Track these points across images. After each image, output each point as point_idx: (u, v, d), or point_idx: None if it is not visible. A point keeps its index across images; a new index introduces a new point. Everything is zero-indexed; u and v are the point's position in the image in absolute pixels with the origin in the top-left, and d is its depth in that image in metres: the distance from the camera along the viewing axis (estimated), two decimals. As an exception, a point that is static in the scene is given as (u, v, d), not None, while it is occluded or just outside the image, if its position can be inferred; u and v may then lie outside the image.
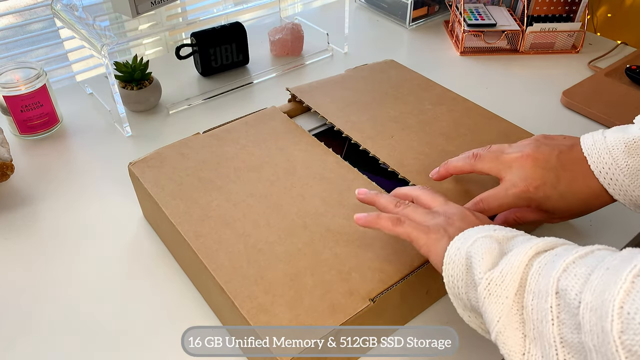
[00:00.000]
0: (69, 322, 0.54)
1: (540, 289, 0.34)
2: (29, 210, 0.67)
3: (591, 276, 0.31)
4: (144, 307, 0.55)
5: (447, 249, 0.41)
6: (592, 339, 0.30)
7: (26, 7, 0.95)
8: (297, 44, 0.98)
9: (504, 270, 0.36)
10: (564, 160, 0.48)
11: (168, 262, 0.59)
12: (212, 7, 1.01)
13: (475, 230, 0.41)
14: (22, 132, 0.78)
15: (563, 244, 0.37)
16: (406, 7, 1.08)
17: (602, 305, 0.29)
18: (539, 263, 0.35)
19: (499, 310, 0.36)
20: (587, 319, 0.30)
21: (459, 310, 0.41)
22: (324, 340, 0.43)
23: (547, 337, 0.33)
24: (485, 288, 0.36)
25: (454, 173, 0.54)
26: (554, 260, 0.35)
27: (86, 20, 0.78)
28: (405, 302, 0.51)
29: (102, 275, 0.58)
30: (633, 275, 0.29)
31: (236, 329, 0.50)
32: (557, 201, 0.48)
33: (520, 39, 0.99)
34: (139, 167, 0.59)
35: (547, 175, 0.48)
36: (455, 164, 0.54)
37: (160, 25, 0.93)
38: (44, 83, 0.76)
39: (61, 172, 0.73)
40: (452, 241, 0.41)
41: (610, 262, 0.31)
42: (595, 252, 0.34)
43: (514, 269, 0.36)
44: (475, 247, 0.39)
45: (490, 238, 0.39)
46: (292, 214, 0.53)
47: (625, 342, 0.28)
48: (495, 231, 0.40)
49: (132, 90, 0.82)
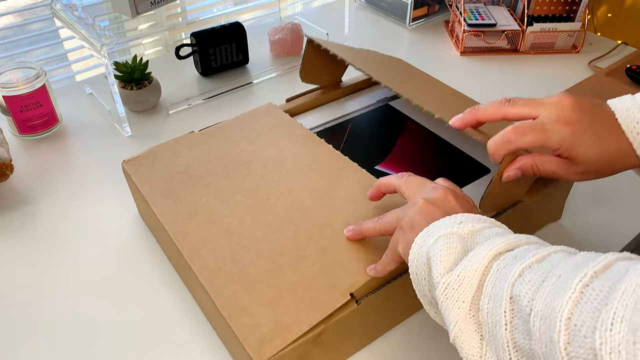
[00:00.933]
0: (68, 321, 0.54)
1: (496, 293, 0.34)
2: (28, 210, 0.67)
3: (544, 283, 0.31)
4: (143, 307, 0.55)
5: (412, 247, 0.40)
6: (541, 347, 0.30)
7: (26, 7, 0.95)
8: (297, 44, 0.98)
9: (462, 274, 0.36)
10: (597, 111, 0.47)
11: (162, 260, 0.59)
12: (212, 7, 1.01)
13: (440, 224, 0.40)
14: (21, 132, 0.78)
15: (526, 242, 0.37)
16: (406, 7, 1.08)
17: (551, 315, 0.29)
18: (498, 266, 0.35)
19: (456, 315, 0.36)
20: (537, 327, 0.30)
21: (425, 306, 0.41)
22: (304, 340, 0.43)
23: (501, 341, 0.33)
24: (442, 292, 0.36)
25: (483, 120, 0.50)
26: (512, 263, 0.34)
27: (86, 20, 0.78)
28: (393, 304, 0.50)
29: (101, 275, 0.58)
30: (582, 285, 0.29)
31: (220, 329, 0.50)
32: (587, 147, 0.46)
33: (520, 38, 0.99)
34: (131, 165, 0.60)
35: (583, 118, 0.46)
36: (484, 110, 0.49)
37: (160, 25, 0.92)
38: (44, 83, 0.76)
39: (61, 172, 0.73)
40: (416, 238, 0.40)
41: (563, 268, 0.31)
42: (552, 255, 0.34)
43: (472, 273, 0.35)
44: (436, 247, 0.38)
45: (452, 236, 0.38)
46: (278, 208, 0.53)
47: (571, 354, 0.28)
48: (461, 224, 0.39)
49: (131, 90, 0.82)
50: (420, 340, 0.52)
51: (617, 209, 0.66)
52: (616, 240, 0.61)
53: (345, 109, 0.73)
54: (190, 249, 0.50)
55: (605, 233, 0.62)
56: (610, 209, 0.66)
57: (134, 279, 0.58)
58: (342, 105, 0.74)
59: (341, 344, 0.48)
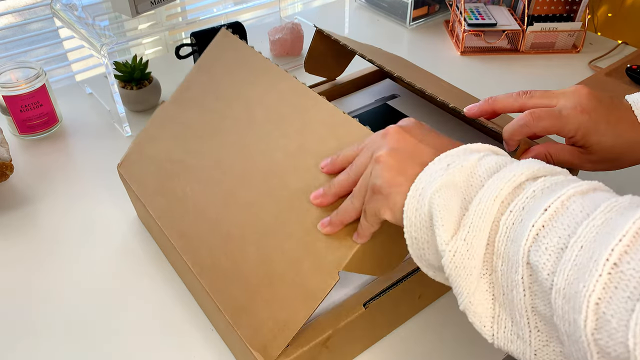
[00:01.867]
0: (67, 321, 0.53)
1: (510, 257, 0.31)
2: (28, 210, 0.67)
3: (564, 254, 0.28)
4: (142, 307, 0.55)
5: (404, 210, 0.36)
6: (564, 325, 0.28)
7: (26, 7, 0.94)
8: (297, 43, 0.98)
9: (468, 237, 0.32)
10: (614, 102, 0.47)
11: (162, 260, 0.59)
12: (212, 7, 1.01)
13: (428, 174, 0.35)
14: (21, 132, 0.78)
15: (531, 177, 0.33)
16: (406, 7, 1.08)
17: (575, 297, 0.27)
18: (506, 222, 0.32)
19: (467, 282, 0.33)
20: (560, 305, 0.28)
21: (423, 268, 0.37)
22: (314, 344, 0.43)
23: (518, 306, 0.31)
24: (450, 261, 0.33)
25: (499, 111, 0.49)
26: (523, 218, 0.31)
27: (86, 19, 0.78)
28: (398, 306, 0.50)
29: (101, 275, 0.58)
30: (610, 265, 0.26)
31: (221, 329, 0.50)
32: (602, 136, 0.46)
33: (520, 38, 0.98)
34: (124, 167, 0.59)
35: (599, 107, 0.46)
36: (503, 101, 0.49)
37: (159, 25, 0.92)
38: (44, 83, 0.76)
39: (60, 172, 0.73)
40: (407, 199, 0.36)
41: (585, 236, 0.28)
42: (569, 206, 0.30)
43: (479, 233, 0.32)
44: (434, 206, 0.34)
45: (447, 187, 0.34)
46: (257, 180, 0.49)
47: (599, 342, 0.26)
48: (449, 167, 0.34)
49: (131, 90, 0.81)
50: (424, 338, 0.52)
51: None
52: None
53: (343, 109, 0.72)
54: (189, 251, 0.49)
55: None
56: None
57: (134, 278, 0.58)
58: (340, 105, 0.74)
59: (348, 345, 0.48)
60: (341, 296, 0.48)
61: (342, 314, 0.45)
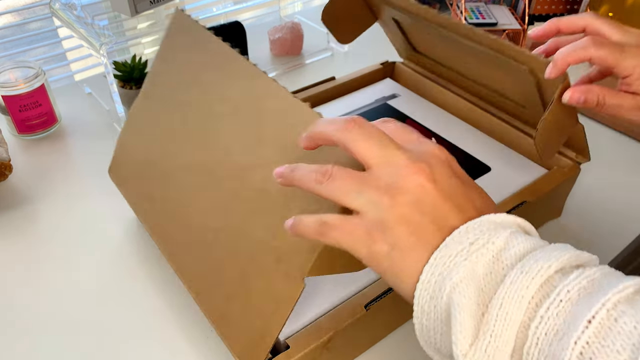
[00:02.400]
0: (66, 321, 0.53)
1: None
2: (27, 210, 0.67)
3: None
4: (142, 308, 0.55)
5: (415, 295, 0.31)
6: None
7: (24, 6, 0.94)
8: (297, 43, 0.98)
9: (490, 348, 0.28)
10: None
11: (161, 260, 0.59)
12: (211, 6, 1.01)
13: (447, 256, 0.30)
14: (20, 132, 0.78)
15: (564, 268, 0.29)
16: (406, 6, 1.08)
17: None
18: (536, 334, 0.27)
19: None
20: None
21: (428, 352, 0.33)
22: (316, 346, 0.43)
23: None
24: None
25: (564, 28, 0.49)
26: (558, 329, 0.27)
27: (85, 19, 0.78)
28: (399, 306, 0.50)
29: (101, 275, 0.58)
30: None
31: None
32: None
33: (521, 38, 0.98)
34: (113, 172, 0.60)
35: None
36: (567, 19, 0.48)
37: (159, 24, 0.92)
38: (43, 82, 0.76)
39: (60, 172, 0.73)
40: (419, 283, 0.30)
41: None
42: (614, 314, 0.26)
43: (503, 345, 0.28)
44: (454, 305, 0.29)
45: (468, 280, 0.29)
46: (224, 180, 0.48)
47: None
48: (472, 246, 0.30)
49: (131, 89, 0.81)
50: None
51: (617, 209, 0.65)
52: (616, 240, 0.61)
53: (343, 109, 0.72)
54: (173, 256, 0.50)
55: (605, 232, 0.62)
56: (609, 210, 0.65)
57: (134, 279, 0.57)
58: (340, 105, 0.73)
59: (349, 347, 0.48)
60: (342, 298, 0.48)
61: (343, 315, 0.45)
